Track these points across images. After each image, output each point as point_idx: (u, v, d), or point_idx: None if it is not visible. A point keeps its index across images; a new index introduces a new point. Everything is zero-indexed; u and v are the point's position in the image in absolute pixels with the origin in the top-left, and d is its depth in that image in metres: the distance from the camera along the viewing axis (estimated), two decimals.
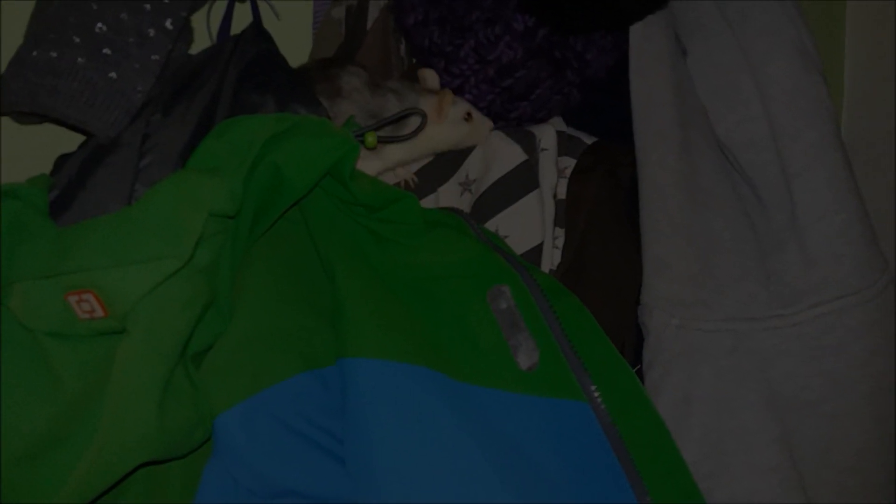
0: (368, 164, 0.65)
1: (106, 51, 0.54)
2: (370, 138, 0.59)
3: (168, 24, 0.57)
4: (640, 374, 0.62)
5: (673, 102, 0.64)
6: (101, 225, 0.45)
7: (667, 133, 0.64)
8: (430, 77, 0.68)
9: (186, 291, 0.46)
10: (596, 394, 0.51)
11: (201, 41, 0.71)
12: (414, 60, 0.73)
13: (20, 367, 0.44)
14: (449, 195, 0.70)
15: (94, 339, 0.45)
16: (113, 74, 0.54)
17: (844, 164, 0.61)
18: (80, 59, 0.53)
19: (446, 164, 0.71)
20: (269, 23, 0.74)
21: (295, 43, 0.75)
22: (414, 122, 0.64)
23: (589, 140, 0.71)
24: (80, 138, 0.60)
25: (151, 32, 0.56)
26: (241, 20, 0.73)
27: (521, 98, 0.67)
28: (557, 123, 0.72)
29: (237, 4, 0.73)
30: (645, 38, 0.67)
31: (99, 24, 0.54)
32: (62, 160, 0.57)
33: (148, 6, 0.56)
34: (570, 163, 0.70)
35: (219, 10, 0.73)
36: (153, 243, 0.43)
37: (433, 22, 0.65)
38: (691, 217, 0.62)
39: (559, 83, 0.68)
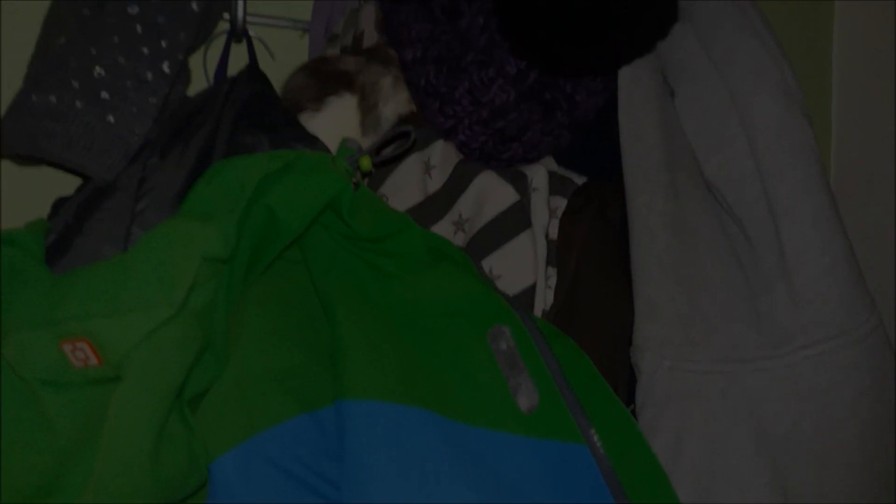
0: None
1: (104, 95, 0.55)
2: (364, 162, 0.59)
3: (165, 67, 0.57)
4: (633, 414, 0.62)
5: (660, 144, 0.65)
6: (94, 273, 0.45)
7: (655, 174, 0.65)
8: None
9: (180, 337, 0.46)
10: (595, 437, 0.51)
11: (198, 81, 0.72)
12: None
13: (16, 418, 0.44)
14: (442, 234, 0.70)
15: (89, 387, 0.45)
16: (111, 118, 0.55)
17: (830, 205, 0.62)
18: (78, 104, 0.54)
19: (439, 202, 0.71)
20: (264, 61, 0.75)
21: None
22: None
23: (579, 180, 0.72)
24: (78, 180, 0.60)
25: (149, 76, 0.57)
26: (238, 59, 0.74)
27: (512, 139, 0.68)
28: (549, 164, 0.73)
29: (233, 45, 0.74)
30: (633, 80, 0.68)
31: (98, 69, 0.55)
32: (60, 203, 0.58)
33: (146, 50, 0.57)
34: (561, 203, 0.71)
35: (216, 49, 0.74)
36: (146, 291, 0.44)
37: (430, 61, 0.66)
38: (680, 258, 0.63)
39: (550, 125, 0.69)
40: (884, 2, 1.06)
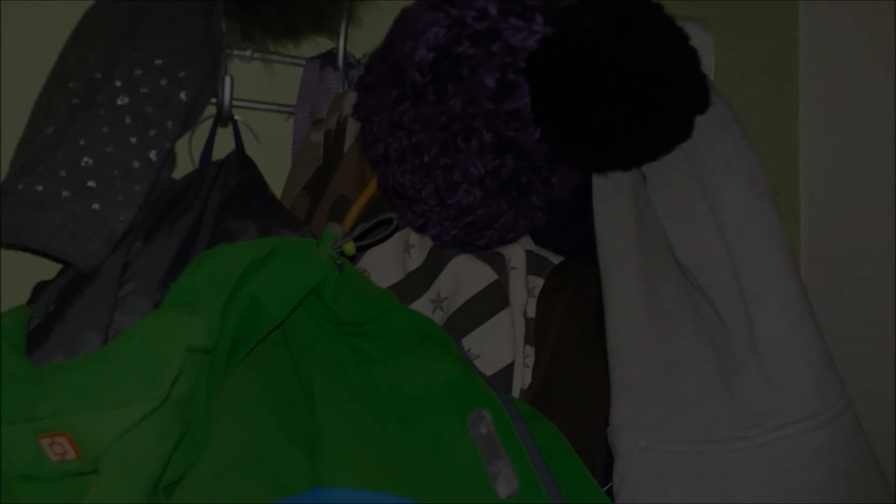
0: None
1: (91, 183, 0.56)
2: (349, 248, 0.60)
3: (152, 155, 0.59)
4: (609, 493, 0.63)
5: (633, 228, 0.68)
6: (76, 366, 0.45)
7: (628, 257, 0.67)
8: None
9: (161, 429, 0.46)
10: None
11: (184, 164, 0.74)
12: None
13: None
14: (421, 312, 0.72)
15: (64, 480, 0.45)
16: (96, 206, 0.56)
17: (799, 290, 0.64)
18: (65, 193, 0.55)
19: (418, 280, 0.73)
20: (249, 144, 0.77)
21: (275, 164, 0.78)
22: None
23: (556, 259, 0.74)
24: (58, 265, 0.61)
25: (136, 164, 0.58)
26: (223, 141, 0.76)
27: (486, 227, 0.70)
28: (526, 242, 0.75)
29: (219, 128, 0.76)
30: None
31: (86, 158, 0.56)
32: (40, 287, 0.58)
33: (134, 140, 0.58)
34: (538, 282, 0.72)
35: (201, 132, 0.76)
36: (129, 385, 0.44)
37: (394, 159, 0.68)
38: (655, 338, 0.65)
39: (524, 209, 0.71)
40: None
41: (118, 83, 0.60)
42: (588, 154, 0.68)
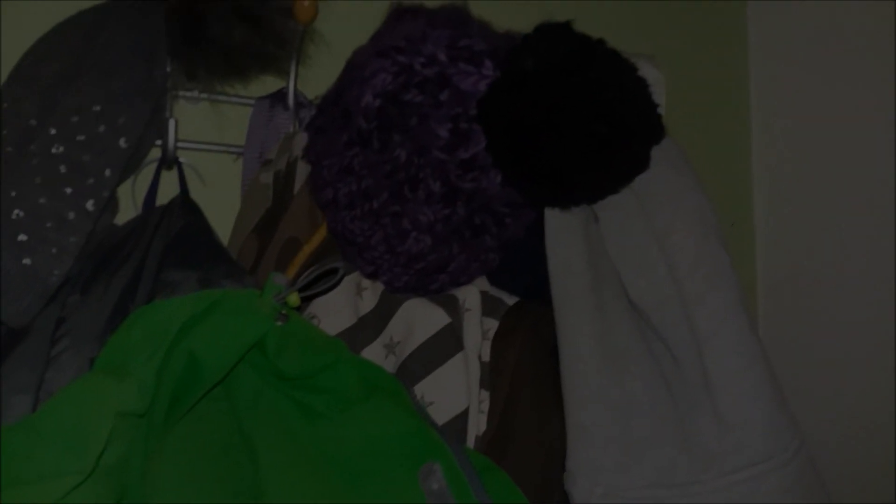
0: None
1: (21, 237, 0.54)
2: (293, 299, 0.59)
3: (89, 205, 0.57)
4: None
5: (586, 270, 0.67)
6: (2, 439, 0.43)
7: (581, 298, 0.66)
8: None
9: (91, 499, 0.44)
10: None
11: (126, 209, 0.71)
12: None
13: None
14: (373, 357, 0.70)
15: None
16: (27, 261, 0.53)
17: (750, 330, 0.64)
18: None
19: (371, 325, 0.71)
20: (196, 186, 0.76)
21: (223, 206, 0.77)
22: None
23: (510, 300, 0.73)
24: None
25: (71, 215, 0.56)
26: (168, 183, 0.74)
27: (437, 272, 0.69)
28: (481, 283, 0.74)
29: (164, 170, 0.74)
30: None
31: (17, 211, 0.54)
32: None
33: (69, 190, 0.56)
34: (493, 324, 0.71)
35: (146, 175, 0.74)
36: (54, 458, 0.42)
37: (343, 205, 0.67)
38: (609, 382, 0.64)
39: (477, 251, 0.70)
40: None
41: (53, 131, 0.58)
42: (547, 193, 0.68)
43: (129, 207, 0.71)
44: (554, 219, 0.70)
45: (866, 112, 1.07)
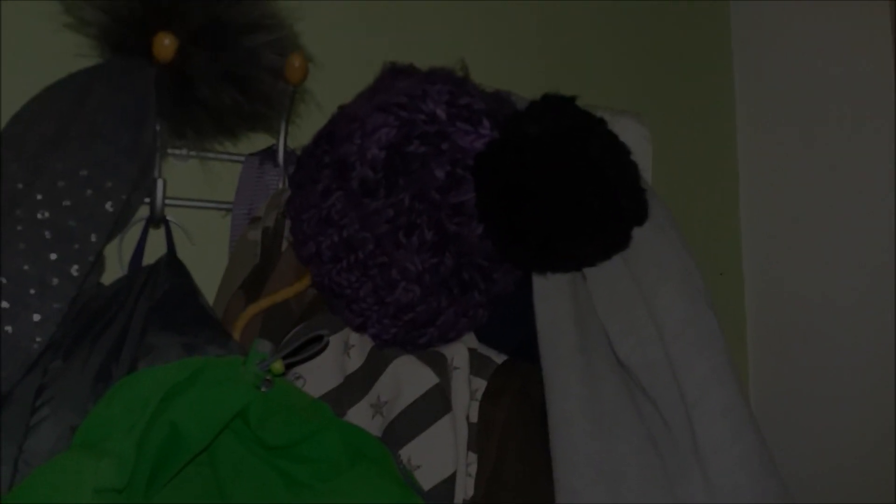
0: None
1: (3, 304, 0.53)
2: (277, 366, 0.58)
3: (73, 271, 0.57)
4: None
5: (574, 329, 0.67)
6: None
7: (569, 359, 0.66)
8: None
9: None
10: None
11: (112, 267, 0.71)
12: None
13: None
14: (360, 418, 0.69)
15: None
16: (9, 328, 0.53)
17: (739, 394, 0.64)
18: None
19: (358, 384, 0.70)
20: (184, 243, 0.75)
21: (211, 263, 0.76)
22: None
23: (499, 358, 0.73)
24: None
25: (55, 281, 0.55)
26: (155, 240, 0.74)
27: (426, 325, 0.69)
28: (469, 340, 0.73)
29: (151, 228, 0.74)
30: None
31: None
32: None
33: (54, 256, 0.56)
34: (481, 384, 0.71)
35: (133, 234, 0.74)
36: None
37: (328, 258, 0.67)
38: (598, 446, 0.63)
39: (465, 305, 0.70)
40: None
41: (39, 196, 0.58)
42: (527, 256, 0.68)
43: (115, 266, 0.71)
44: (541, 276, 0.70)
45: (856, 163, 1.08)
